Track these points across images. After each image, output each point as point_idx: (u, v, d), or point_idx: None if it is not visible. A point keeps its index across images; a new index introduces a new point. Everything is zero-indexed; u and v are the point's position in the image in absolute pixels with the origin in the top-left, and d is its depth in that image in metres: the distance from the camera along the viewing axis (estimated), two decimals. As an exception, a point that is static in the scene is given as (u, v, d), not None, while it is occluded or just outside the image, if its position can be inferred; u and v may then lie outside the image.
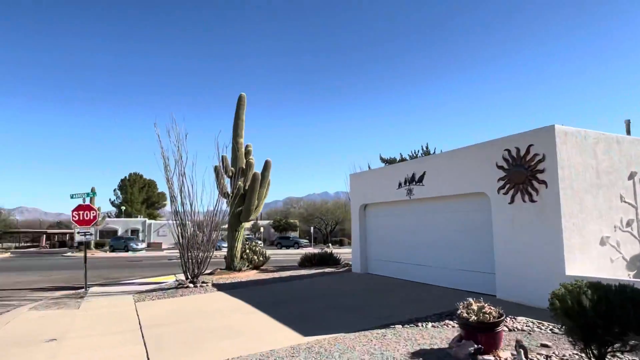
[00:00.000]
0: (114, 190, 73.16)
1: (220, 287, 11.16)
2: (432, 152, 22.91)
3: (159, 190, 76.31)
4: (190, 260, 11.58)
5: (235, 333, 6.23)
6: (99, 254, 38.07)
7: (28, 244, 59.36)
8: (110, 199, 73.35)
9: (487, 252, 8.74)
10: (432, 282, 10.09)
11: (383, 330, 6.05)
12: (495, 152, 8.41)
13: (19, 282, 15.35)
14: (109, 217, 57.75)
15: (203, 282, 11.59)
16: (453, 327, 6.13)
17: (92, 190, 12.76)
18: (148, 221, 56.62)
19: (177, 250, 12.24)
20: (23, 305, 9.90)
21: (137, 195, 70.83)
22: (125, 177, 72.89)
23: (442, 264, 9.94)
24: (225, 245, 22.30)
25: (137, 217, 61.00)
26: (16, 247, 53.82)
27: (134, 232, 53.65)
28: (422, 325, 6.27)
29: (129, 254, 38.44)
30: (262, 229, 55.00)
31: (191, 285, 11.27)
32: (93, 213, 12.41)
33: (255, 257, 15.13)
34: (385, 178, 11.95)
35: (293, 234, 54.66)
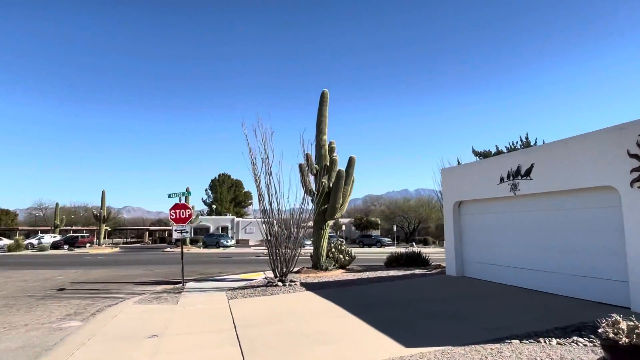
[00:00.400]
0: (205, 190, 78.21)
1: (308, 286, 10.97)
2: (532, 143, 20.76)
3: (245, 190, 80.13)
4: (278, 258, 11.56)
5: (331, 339, 5.86)
6: (194, 249, 40.76)
7: (133, 240, 65.75)
8: (202, 198, 78.57)
9: (614, 256, 7.44)
10: (541, 288, 8.90)
11: (498, 346, 5.27)
12: (626, 138, 7.08)
13: (125, 276, 16.69)
14: (202, 215, 61.76)
15: (291, 281, 11.50)
16: (585, 345, 5.17)
17: (187, 190, 13.33)
18: (236, 219, 59.52)
19: (264, 247, 12.32)
20: (129, 299, 10.56)
21: (226, 194, 74.98)
22: (215, 177, 77.56)
23: (555, 268, 8.71)
24: (308, 243, 22.33)
25: (226, 215, 64.49)
26: (124, 243, 59.87)
27: (224, 229, 56.74)
28: (545, 342, 5.36)
29: (220, 250, 40.61)
30: (343, 227, 54.94)
31: (280, 283, 11.24)
32: (188, 211, 12.98)
33: (341, 256, 14.81)
34: (484, 172, 10.87)
35: (374, 233, 53.84)
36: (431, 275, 12.53)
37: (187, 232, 12.76)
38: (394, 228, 46.24)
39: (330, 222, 14.90)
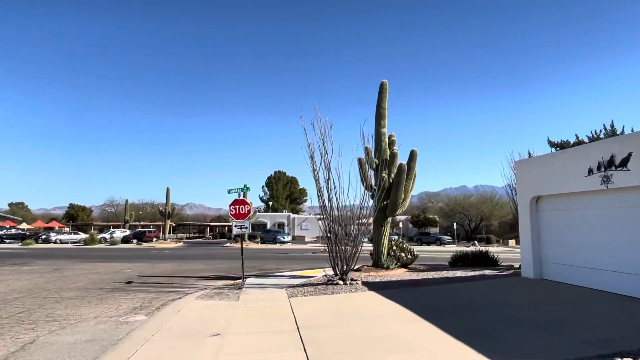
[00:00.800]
0: (262, 187, 79.88)
1: (370, 286, 10.44)
2: (619, 132, 18.59)
3: (300, 187, 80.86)
4: (338, 256, 11.13)
5: (404, 347, 5.31)
6: (251, 245, 41.58)
7: (195, 235, 68.58)
8: (258, 195, 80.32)
9: None
10: (645, 296, 7.74)
11: (608, 365, 4.46)
12: None
13: (188, 270, 17.08)
14: (259, 212, 63.08)
15: (352, 280, 11.03)
16: None
17: (245, 186, 13.29)
18: (292, 215, 60.11)
19: (320, 244, 11.96)
20: (191, 294, 10.63)
21: (282, 191, 76.05)
22: (271, 174, 78.94)
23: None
24: (365, 240, 21.85)
25: (282, 211, 65.37)
26: (187, 238, 62.58)
27: (280, 225, 57.52)
28: (668, 363, 4.46)
29: (277, 246, 41.10)
30: (400, 225, 53.61)
31: (340, 282, 10.80)
32: (247, 207, 12.91)
33: (403, 255, 14.11)
34: (567, 163, 9.73)
35: (433, 230, 51.99)
36: (504, 278, 11.51)
37: (246, 227, 12.70)
38: (455, 226, 44.25)
39: (391, 219, 14.24)
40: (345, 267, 11.14)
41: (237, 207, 12.76)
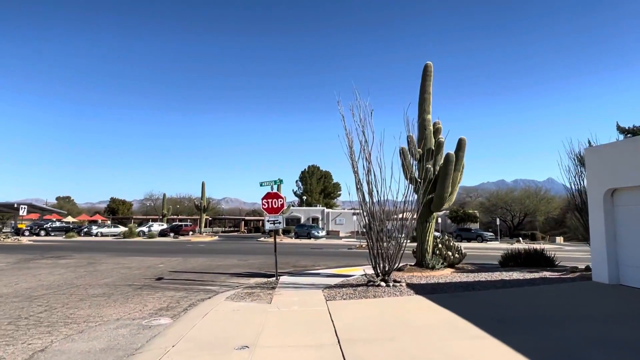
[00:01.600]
0: (296, 181, 79.61)
1: (416, 289, 9.36)
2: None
3: (334, 181, 79.99)
4: (380, 254, 10.10)
5: (472, 374, 4.26)
6: (286, 240, 41.09)
7: (231, 229, 69.15)
8: (293, 190, 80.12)
9: None
10: None
11: None
12: None
13: (220, 265, 16.53)
14: (293, 206, 62.69)
15: (395, 281, 9.98)
16: None
17: (279, 179, 12.46)
18: (326, 210, 59.36)
19: (355, 239, 10.95)
20: (222, 293, 9.93)
21: (316, 185, 75.46)
22: (305, 169, 78.47)
23: None
24: (405, 237, 20.58)
25: (316, 206, 64.73)
26: (222, 232, 63.13)
27: (314, 220, 56.91)
28: None
29: (311, 240, 40.41)
30: (439, 220, 51.64)
31: (382, 283, 9.78)
32: (281, 201, 12.08)
33: (450, 253, 12.88)
34: (653, 150, 8.25)
35: (473, 226, 49.75)
36: (570, 282, 10.11)
37: (279, 222, 11.88)
38: (497, 221, 41.96)
39: (437, 215, 13.04)
40: (387, 266, 10.10)
41: (269, 200, 11.96)
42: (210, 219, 68.97)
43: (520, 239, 42.00)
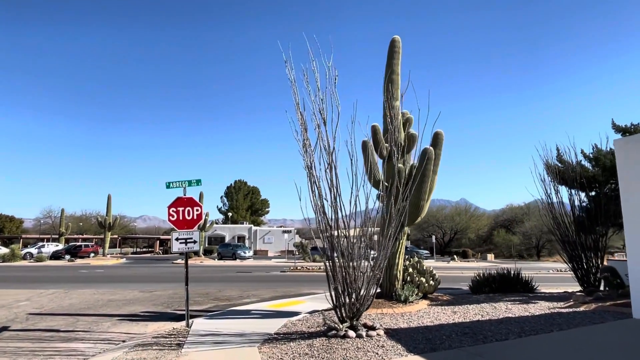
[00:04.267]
0: (221, 197, 74.23)
1: (403, 341, 6.17)
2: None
3: (262, 197, 75.87)
4: (345, 288, 6.79)
5: None
6: (208, 261, 36.24)
7: (144, 250, 61.76)
8: (217, 206, 74.54)
9: None
10: None
11: None
12: None
13: (112, 302, 12.11)
14: (217, 223, 57.40)
15: (368, 328, 6.72)
16: None
17: (195, 180, 8.62)
18: (254, 228, 55.10)
19: (285, 259, 7.59)
20: (93, 357, 5.96)
21: (242, 201, 70.76)
22: (231, 184, 73.55)
23: None
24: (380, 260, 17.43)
25: (242, 223, 60.10)
26: (132, 253, 55.79)
27: (240, 238, 52.29)
28: None
29: (237, 262, 36.04)
30: (371, 238, 49.83)
31: (351, 333, 6.44)
32: (197, 210, 8.36)
33: (424, 280, 9.95)
34: None
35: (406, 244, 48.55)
36: (597, 317, 7.59)
37: (194, 241, 8.12)
38: (433, 238, 40.77)
39: (408, 230, 10.10)
40: (356, 306, 6.81)
41: (179, 209, 8.18)
42: (120, 238, 61.12)
43: (455, 256, 41.25)
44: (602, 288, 12.41)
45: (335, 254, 6.85)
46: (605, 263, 13.38)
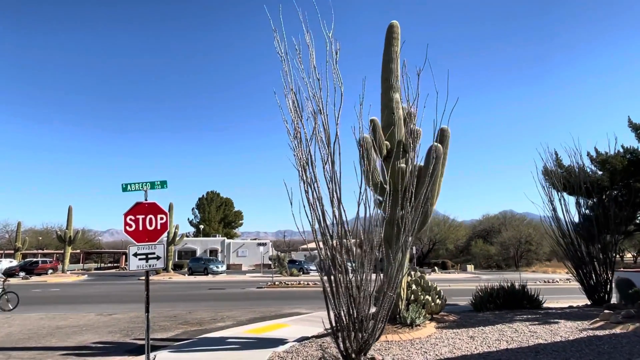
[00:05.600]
0: (192, 209, 71.41)
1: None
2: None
3: (236, 209, 73.49)
4: (350, 312, 5.37)
5: None
6: (177, 277, 33.88)
7: (109, 265, 58.27)
8: (188, 218, 71.64)
9: None
10: None
11: None
12: None
13: (59, 330, 10.19)
14: (187, 236, 54.73)
15: (379, 363, 5.31)
16: None
17: (159, 181, 7.01)
18: (227, 240, 52.83)
19: (260, 273, 6.18)
20: None
21: (215, 214, 68.21)
22: (203, 195, 70.92)
23: None
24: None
25: (215, 236, 57.67)
26: (96, 268, 52.36)
27: (213, 252, 49.90)
28: None
29: (209, 277, 33.87)
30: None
31: (360, 371, 5.02)
32: (162, 218, 6.75)
33: (429, 299, 8.62)
34: None
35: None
36: (629, 337, 6.42)
37: (157, 257, 6.51)
38: (414, 250, 39.73)
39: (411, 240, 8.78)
40: (364, 336, 5.39)
41: (139, 218, 6.57)
42: (83, 253, 57.51)
43: (436, 267, 40.41)
44: (614, 301, 11.48)
45: (336, 269, 5.44)
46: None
